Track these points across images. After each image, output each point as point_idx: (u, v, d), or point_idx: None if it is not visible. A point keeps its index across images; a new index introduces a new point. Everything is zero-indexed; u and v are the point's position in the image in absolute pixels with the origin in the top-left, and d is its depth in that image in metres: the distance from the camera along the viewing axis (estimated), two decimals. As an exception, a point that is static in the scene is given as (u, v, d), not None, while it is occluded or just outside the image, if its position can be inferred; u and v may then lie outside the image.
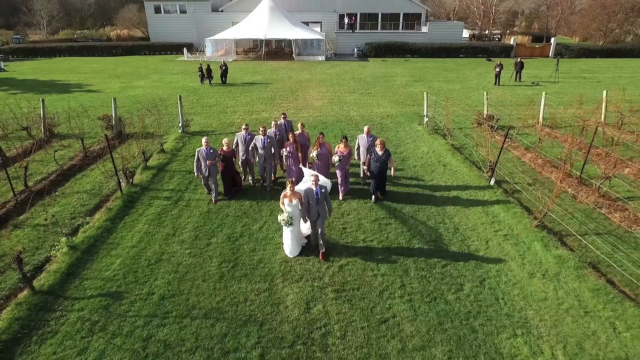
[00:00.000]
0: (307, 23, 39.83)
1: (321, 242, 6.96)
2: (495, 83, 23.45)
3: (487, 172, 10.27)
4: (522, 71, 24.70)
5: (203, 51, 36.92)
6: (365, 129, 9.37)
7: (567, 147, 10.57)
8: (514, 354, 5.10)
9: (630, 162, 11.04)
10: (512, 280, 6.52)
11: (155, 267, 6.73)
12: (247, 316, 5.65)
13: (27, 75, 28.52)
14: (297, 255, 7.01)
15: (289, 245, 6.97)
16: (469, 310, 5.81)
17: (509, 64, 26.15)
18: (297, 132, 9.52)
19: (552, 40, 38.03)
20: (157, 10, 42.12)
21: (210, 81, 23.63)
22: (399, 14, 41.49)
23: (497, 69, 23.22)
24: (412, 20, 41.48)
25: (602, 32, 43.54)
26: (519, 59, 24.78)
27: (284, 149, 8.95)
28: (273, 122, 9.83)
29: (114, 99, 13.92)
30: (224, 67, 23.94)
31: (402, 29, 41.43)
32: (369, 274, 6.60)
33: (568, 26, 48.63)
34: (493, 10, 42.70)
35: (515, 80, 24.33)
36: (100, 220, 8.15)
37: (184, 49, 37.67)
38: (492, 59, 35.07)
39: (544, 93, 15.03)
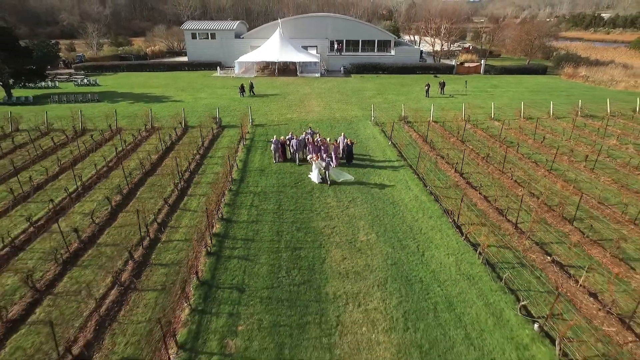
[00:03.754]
0: (306, 47, 54.10)
1: (329, 179, 20.43)
2: (426, 96, 37.88)
3: (389, 140, 24.61)
4: (445, 87, 39.21)
5: (232, 68, 50.88)
6: (342, 134, 22.73)
7: (426, 129, 25.00)
8: (395, 197, 19.36)
9: (455, 137, 25.45)
10: (381, 174, 20.79)
11: (268, 167, 20.86)
12: (306, 183, 19.85)
13: (120, 89, 42.26)
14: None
15: (314, 178, 20.32)
16: (373, 186, 20.08)
17: (451, 81, 40.62)
18: (317, 137, 22.86)
19: (482, 61, 52.75)
20: (194, 36, 55.93)
21: (242, 94, 37.64)
22: (374, 40, 55.98)
23: (426, 87, 37.72)
24: (384, 45, 56.01)
25: (526, 53, 58.37)
26: (442, 80, 39.37)
27: (307, 145, 22.28)
28: (304, 132, 23.28)
29: (218, 108, 28.08)
30: (250, 83, 38.14)
31: (376, 51, 55.92)
32: (340, 182, 20.76)
33: (504, 47, 63.50)
34: (442, 36, 57.17)
35: (440, 94, 38.81)
36: (241, 154, 22.29)
37: (217, 67, 51.69)
38: (438, 75, 49.63)
39: (432, 105, 29.55)
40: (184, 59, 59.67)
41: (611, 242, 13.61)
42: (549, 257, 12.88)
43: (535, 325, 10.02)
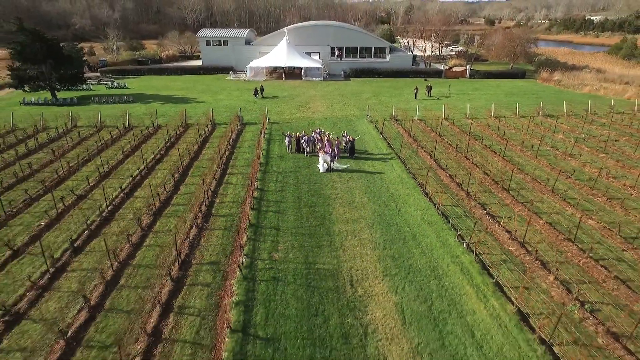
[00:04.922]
0: (309, 53, 59.98)
1: (333, 168, 26.33)
2: (415, 98, 43.80)
3: (381, 134, 30.52)
4: (432, 90, 45.13)
5: (244, 72, 56.73)
6: (345, 132, 28.82)
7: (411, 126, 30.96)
8: (383, 175, 25.29)
9: (434, 132, 31.38)
10: (373, 160, 26.70)
11: (285, 154, 26.73)
12: (316, 167, 25.74)
13: (147, 91, 48.03)
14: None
15: (320, 168, 26.10)
16: (367, 168, 26.02)
17: (438, 84, 46.47)
18: (325, 135, 28.87)
19: (468, 66, 58.68)
20: (208, 43, 61.75)
21: (256, 96, 43.54)
22: (372, 47, 61.94)
23: (415, 90, 43.67)
24: (380, 52, 61.98)
25: (510, 58, 64.30)
26: (429, 84, 45.34)
27: (317, 141, 28.23)
28: (313, 132, 29.15)
29: (240, 108, 33.98)
30: (261, 87, 44.12)
31: (373, 57, 61.86)
32: (343, 170, 26.64)
33: (489, 53, 69.51)
34: (432, 40, 63.06)
35: (427, 96, 44.73)
36: (263, 145, 28.17)
37: (230, 71, 57.59)
38: (427, 79, 55.55)
39: (417, 106, 35.51)
40: (197, 62, 65.53)
41: (530, 203, 19.56)
42: (484, 211, 18.82)
43: (464, 245, 15.97)
